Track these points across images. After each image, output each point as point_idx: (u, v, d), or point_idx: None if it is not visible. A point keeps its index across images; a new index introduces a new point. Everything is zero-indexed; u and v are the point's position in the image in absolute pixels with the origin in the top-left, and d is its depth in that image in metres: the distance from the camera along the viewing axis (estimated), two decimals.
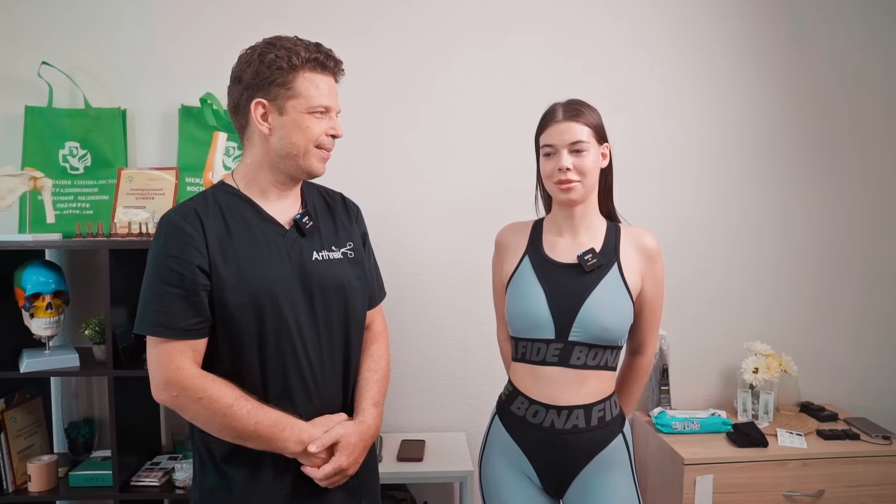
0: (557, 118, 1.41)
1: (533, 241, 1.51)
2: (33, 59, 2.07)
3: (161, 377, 1.18)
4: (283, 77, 1.21)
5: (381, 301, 1.48)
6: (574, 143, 1.39)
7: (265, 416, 1.17)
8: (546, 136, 1.42)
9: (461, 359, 2.25)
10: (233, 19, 2.16)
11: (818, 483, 1.91)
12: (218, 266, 1.19)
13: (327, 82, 1.25)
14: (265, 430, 1.17)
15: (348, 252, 1.34)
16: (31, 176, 1.88)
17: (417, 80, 2.21)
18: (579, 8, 2.24)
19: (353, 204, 1.45)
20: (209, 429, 1.19)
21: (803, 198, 2.33)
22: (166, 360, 1.17)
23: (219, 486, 1.24)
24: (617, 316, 1.40)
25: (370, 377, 1.35)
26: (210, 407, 1.16)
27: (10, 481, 1.88)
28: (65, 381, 2.16)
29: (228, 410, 1.15)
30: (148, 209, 2.02)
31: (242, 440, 1.18)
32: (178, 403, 1.18)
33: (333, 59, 1.26)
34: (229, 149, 2.13)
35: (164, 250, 1.19)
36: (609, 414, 1.45)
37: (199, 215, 1.21)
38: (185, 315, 1.17)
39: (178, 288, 1.17)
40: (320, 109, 1.24)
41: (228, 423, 1.16)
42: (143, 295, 1.20)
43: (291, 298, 1.23)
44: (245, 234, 1.23)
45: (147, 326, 1.18)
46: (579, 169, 1.39)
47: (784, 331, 2.32)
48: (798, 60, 2.30)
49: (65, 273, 1.96)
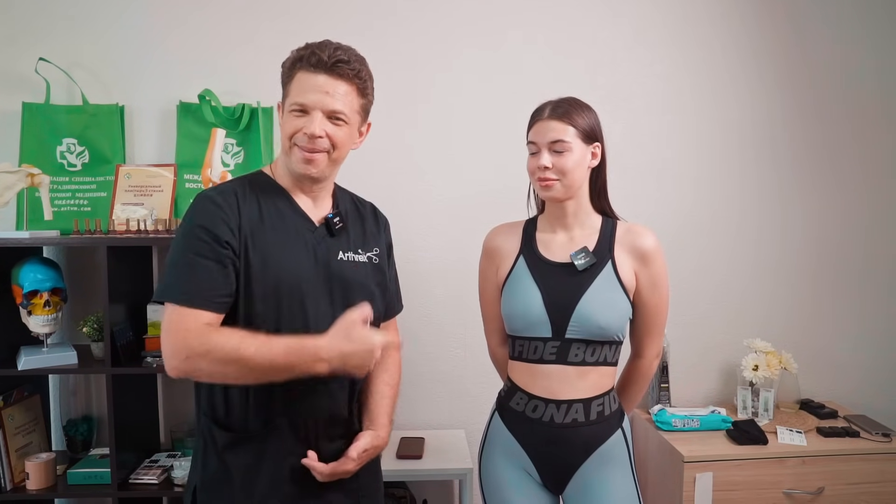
0: (543, 116, 1.42)
1: (526, 241, 1.50)
2: (31, 56, 2.06)
3: (170, 346, 1.14)
4: (285, 78, 1.26)
5: (398, 314, 1.49)
6: (554, 143, 1.39)
7: (276, 346, 1.13)
8: (531, 134, 1.44)
9: (460, 356, 2.25)
10: (231, 16, 2.15)
11: (818, 480, 1.91)
12: (248, 248, 1.20)
13: (318, 81, 1.21)
14: (282, 363, 1.13)
15: (373, 258, 1.36)
16: (28, 173, 1.87)
17: (417, 79, 2.20)
18: (579, 6, 2.23)
19: (383, 216, 1.46)
20: (228, 378, 1.16)
21: (803, 195, 2.33)
22: (176, 326, 1.14)
23: (220, 472, 1.24)
24: (612, 313, 1.40)
25: (386, 391, 1.35)
26: (218, 357, 1.12)
27: (9, 479, 1.87)
28: (63, 379, 2.16)
29: (236, 353, 1.11)
30: (146, 206, 2.01)
31: (271, 377, 1.14)
32: (191, 367, 1.14)
33: (325, 55, 1.21)
34: (228, 145, 2.13)
35: (197, 221, 1.19)
36: (608, 408, 1.45)
37: (237, 195, 1.23)
38: (210, 286, 1.16)
39: (207, 258, 1.17)
40: (296, 107, 1.22)
41: (244, 366, 1.12)
42: (169, 263, 1.19)
43: (313, 293, 1.24)
44: (276, 222, 1.25)
45: (170, 293, 1.16)
46: (559, 168, 1.39)
47: (784, 328, 2.32)
48: (798, 59, 2.30)
49: (62, 270, 1.96)
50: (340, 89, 1.23)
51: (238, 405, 1.24)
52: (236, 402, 1.24)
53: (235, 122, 2.11)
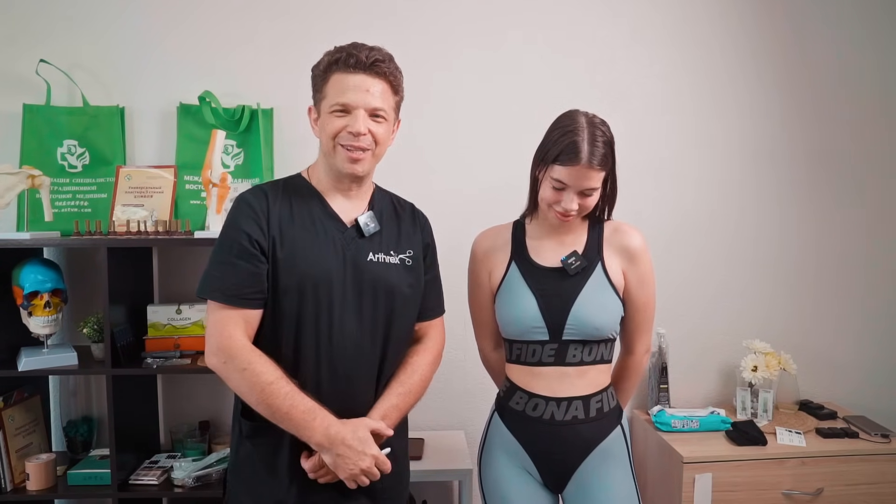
0: (580, 161, 1.33)
1: (516, 246, 1.51)
2: (31, 57, 2.07)
3: (214, 343, 1.24)
4: (318, 82, 1.30)
5: (439, 316, 1.49)
6: (587, 189, 1.38)
7: (301, 401, 1.21)
8: (562, 172, 1.35)
9: (460, 357, 2.25)
10: (231, 17, 2.15)
11: (817, 481, 1.91)
12: (276, 246, 1.26)
13: (357, 80, 1.26)
14: (298, 416, 1.20)
15: (406, 259, 1.37)
16: (29, 174, 1.88)
17: (417, 79, 2.20)
18: (579, 6, 2.24)
19: (422, 215, 1.47)
20: (248, 401, 1.23)
21: (802, 196, 2.33)
22: (221, 327, 1.23)
23: (247, 459, 1.31)
24: (606, 314, 1.42)
25: (393, 388, 1.34)
26: (251, 380, 1.20)
27: (9, 480, 1.87)
28: (63, 380, 2.16)
29: (268, 387, 1.19)
30: (146, 207, 2.01)
31: (275, 419, 1.21)
32: (224, 370, 1.23)
33: (363, 55, 1.25)
34: (228, 147, 2.13)
35: (232, 222, 1.28)
36: (607, 405, 1.46)
37: (268, 196, 1.30)
38: (242, 283, 1.24)
39: (239, 258, 1.24)
40: (338, 107, 1.26)
41: (265, 399, 1.19)
42: (210, 261, 1.29)
43: (340, 293, 1.27)
44: (306, 222, 1.30)
45: (207, 290, 1.26)
46: (583, 208, 1.40)
47: (783, 329, 2.33)
48: (797, 58, 2.30)
49: (63, 271, 1.96)
50: (378, 87, 1.28)
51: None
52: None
53: (235, 123, 2.12)
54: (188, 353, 1.96)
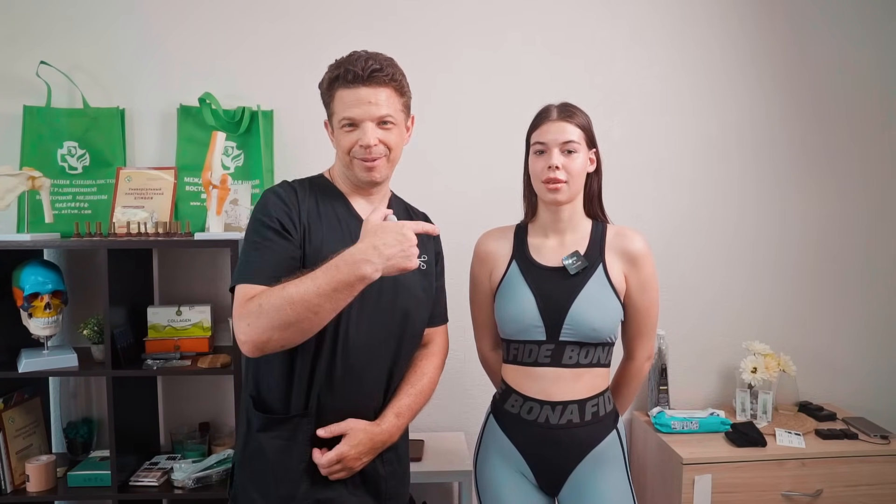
0: (552, 117, 1.43)
1: (518, 246, 1.51)
2: (32, 59, 2.07)
3: (235, 324, 1.17)
4: (325, 99, 1.33)
5: (444, 324, 1.51)
6: (566, 143, 1.40)
7: (316, 274, 1.13)
8: (538, 134, 1.44)
9: (460, 358, 2.25)
10: (232, 19, 2.15)
11: (816, 483, 1.91)
12: (306, 239, 1.27)
13: (359, 94, 1.26)
14: (327, 286, 1.11)
15: (421, 264, 1.38)
16: (29, 175, 1.88)
17: (418, 79, 2.20)
18: (578, 7, 2.24)
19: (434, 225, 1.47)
20: (301, 323, 1.13)
21: (802, 197, 2.33)
22: (241, 300, 1.18)
23: (256, 453, 1.29)
24: (604, 316, 1.42)
25: (405, 389, 1.36)
26: (271, 307, 1.12)
27: (9, 481, 1.87)
28: (63, 381, 2.16)
29: (283, 292, 1.12)
30: (146, 209, 2.01)
31: (330, 304, 1.12)
32: (256, 332, 1.14)
33: (359, 69, 1.25)
34: (228, 148, 2.13)
35: (264, 211, 1.27)
36: (603, 409, 1.46)
37: (296, 191, 1.32)
38: (276, 262, 1.21)
39: (271, 241, 1.23)
40: (346, 122, 1.28)
41: (297, 304, 1.11)
42: (240, 255, 1.27)
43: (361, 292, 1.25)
44: (332, 220, 1.31)
45: (237, 277, 1.23)
46: (568, 170, 1.40)
47: (783, 330, 2.33)
48: (796, 59, 2.30)
49: (63, 273, 1.96)
50: (381, 96, 1.28)
51: (280, 389, 1.28)
52: (277, 385, 1.28)
53: (235, 125, 2.12)
54: (188, 354, 1.96)
